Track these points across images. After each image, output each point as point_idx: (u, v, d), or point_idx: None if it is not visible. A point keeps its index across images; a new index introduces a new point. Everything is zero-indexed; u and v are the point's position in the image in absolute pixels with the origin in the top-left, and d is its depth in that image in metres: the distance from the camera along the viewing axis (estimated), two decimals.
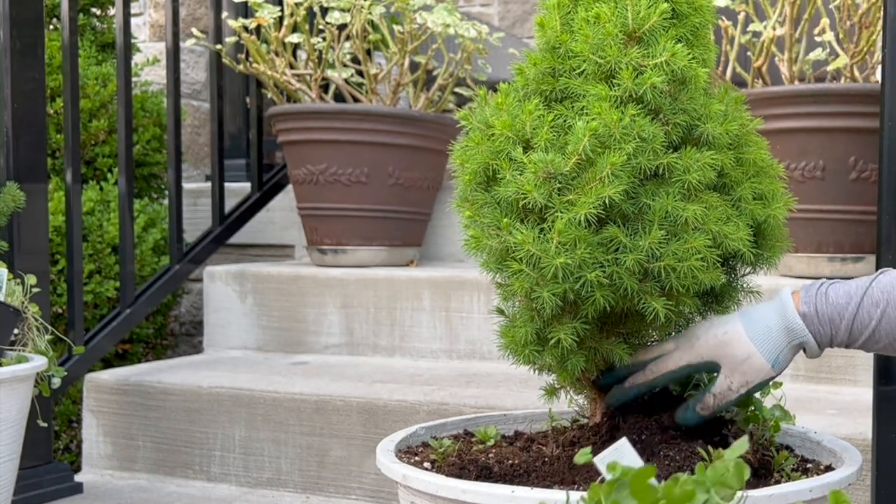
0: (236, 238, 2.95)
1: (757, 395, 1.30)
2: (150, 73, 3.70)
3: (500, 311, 1.23)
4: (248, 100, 3.19)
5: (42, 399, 2.03)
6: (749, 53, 2.31)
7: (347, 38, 2.72)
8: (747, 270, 1.25)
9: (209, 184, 2.92)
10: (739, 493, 0.81)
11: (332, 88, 2.83)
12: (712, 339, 1.17)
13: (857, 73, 2.19)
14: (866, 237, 2.12)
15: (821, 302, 1.15)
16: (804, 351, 1.17)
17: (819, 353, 1.18)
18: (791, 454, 1.23)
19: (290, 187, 2.95)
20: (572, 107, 1.12)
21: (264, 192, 2.97)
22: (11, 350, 1.90)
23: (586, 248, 1.06)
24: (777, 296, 1.17)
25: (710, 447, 1.11)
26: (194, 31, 2.84)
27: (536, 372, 1.24)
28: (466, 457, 1.23)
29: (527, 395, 1.94)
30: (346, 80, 2.74)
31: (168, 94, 2.62)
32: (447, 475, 1.12)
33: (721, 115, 1.14)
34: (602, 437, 1.22)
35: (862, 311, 1.13)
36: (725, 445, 1.17)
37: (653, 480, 0.77)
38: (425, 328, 2.41)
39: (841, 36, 2.19)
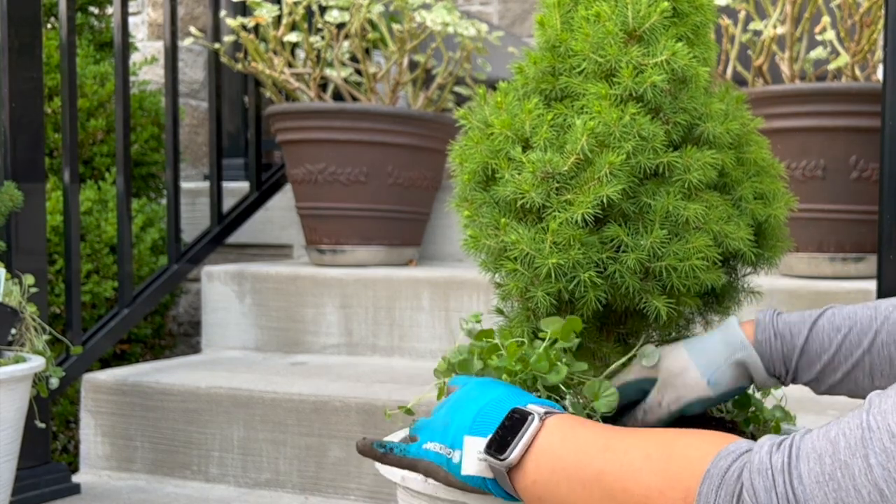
0: (235, 238, 2.94)
1: (758, 395, 1.30)
2: (149, 73, 3.70)
3: (500, 312, 1.22)
4: (246, 99, 3.18)
5: (40, 399, 2.03)
6: (750, 52, 2.30)
7: (346, 36, 2.71)
8: (748, 270, 1.24)
9: (207, 183, 2.91)
10: None
11: (330, 87, 2.82)
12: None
13: (858, 71, 2.18)
14: (867, 237, 2.11)
15: (772, 319, 1.07)
16: (752, 380, 1.08)
17: (766, 378, 1.07)
18: None
19: (288, 187, 2.95)
20: (572, 105, 1.11)
21: (263, 192, 2.97)
22: (9, 350, 1.89)
23: (580, 249, 1.05)
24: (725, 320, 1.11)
25: None
26: (192, 29, 2.84)
27: None
28: None
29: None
30: (344, 79, 2.73)
31: (166, 94, 2.61)
32: None
33: (722, 114, 1.14)
34: None
35: (819, 332, 1.05)
36: None
37: None
38: (424, 328, 2.41)
39: (842, 34, 2.18)
